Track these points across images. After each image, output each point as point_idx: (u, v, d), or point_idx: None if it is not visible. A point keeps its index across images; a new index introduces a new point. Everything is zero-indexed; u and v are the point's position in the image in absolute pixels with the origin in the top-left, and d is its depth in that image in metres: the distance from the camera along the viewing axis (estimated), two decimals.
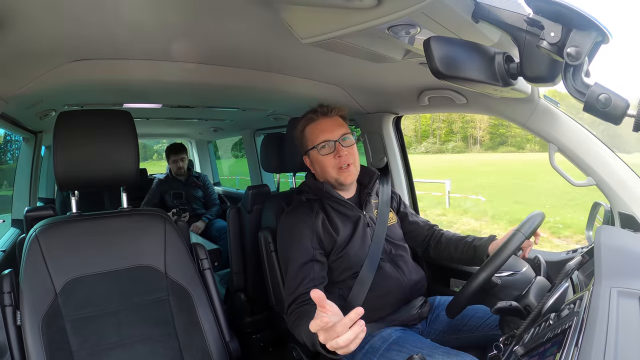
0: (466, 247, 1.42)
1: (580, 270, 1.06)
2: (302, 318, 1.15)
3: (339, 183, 1.38)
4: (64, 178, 1.21)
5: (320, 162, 1.37)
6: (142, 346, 1.22)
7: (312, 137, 1.38)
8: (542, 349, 0.72)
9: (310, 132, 1.39)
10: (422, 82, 1.55)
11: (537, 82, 0.70)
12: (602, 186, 1.27)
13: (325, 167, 1.37)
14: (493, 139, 27.39)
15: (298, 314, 1.20)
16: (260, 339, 2.14)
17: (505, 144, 27.62)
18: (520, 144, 26.75)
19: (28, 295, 1.13)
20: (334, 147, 1.35)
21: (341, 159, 1.34)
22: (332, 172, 1.36)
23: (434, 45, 0.64)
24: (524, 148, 26.51)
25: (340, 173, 1.36)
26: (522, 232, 1.16)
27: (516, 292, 1.12)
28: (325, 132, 1.36)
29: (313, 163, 1.42)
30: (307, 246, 1.31)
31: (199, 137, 4.46)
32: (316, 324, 0.84)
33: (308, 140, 1.40)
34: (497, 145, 28.06)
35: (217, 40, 1.14)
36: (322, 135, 1.36)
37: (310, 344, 1.03)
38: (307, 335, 1.04)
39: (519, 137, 24.92)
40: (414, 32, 0.84)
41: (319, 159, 1.37)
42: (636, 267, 0.79)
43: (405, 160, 2.06)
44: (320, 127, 1.37)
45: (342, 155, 1.35)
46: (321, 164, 1.38)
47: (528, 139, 24.10)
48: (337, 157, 1.35)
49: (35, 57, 1.14)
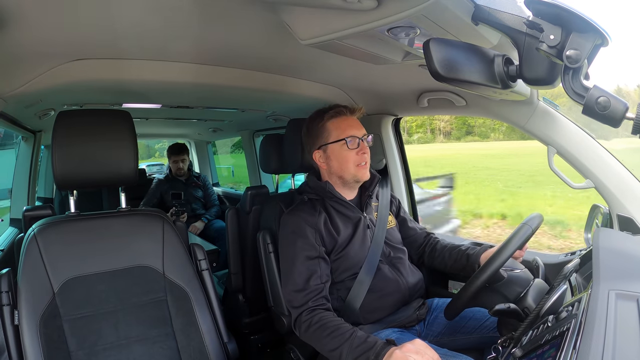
0: (459, 255, 1.44)
1: (579, 272, 1.06)
2: (335, 331, 1.13)
3: (356, 180, 1.39)
4: (62, 177, 1.21)
5: (343, 156, 1.37)
6: (139, 346, 1.22)
7: (338, 131, 1.38)
8: (540, 351, 0.72)
9: (335, 126, 1.39)
10: (421, 84, 1.55)
11: (536, 84, 0.70)
12: (601, 189, 1.27)
13: (346, 161, 1.37)
14: (460, 129, 28.02)
15: (321, 323, 1.17)
16: (258, 339, 2.14)
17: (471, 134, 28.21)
18: (485, 133, 27.29)
19: (26, 294, 1.12)
20: (358, 143, 1.37)
21: (363, 156, 1.37)
22: (352, 167, 1.37)
23: (433, 47, 0.65)
24: (489, 137, 27.09)
25: (358, 170, 1.38)
26: (529, 225, 1.16)
27: (520, 288, 1.12)
28: (353, 128, 1.38)
29: (329, 157, 1.40)
30: (312, 243, 1.30)
31: (198, 137, 4.46)
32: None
33: (331, 133, 1.39)
34: (464, 134, 28.69)
35: (217, 40, 1.14)
36: (350, 130, 1.37)
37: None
38: (351, 354, 1.05)
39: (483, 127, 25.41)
40: (414, 34, 0.84)
41: (341, 153, 1.37)
42: (634, 270, 0.79)
43: (404, 162, 2.06)
44: (348, 122, 1.39)
45: (365, 152, 1.37)
46: (342, 159, 1.38)
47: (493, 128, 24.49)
48: (360, 154, 1.37)
49: (35, 57, 1.14)
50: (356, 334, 1.09)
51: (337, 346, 1.09)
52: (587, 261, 1.02)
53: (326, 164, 1.42)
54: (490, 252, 1.33)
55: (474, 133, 27.88)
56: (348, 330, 1.11)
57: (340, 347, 1.08)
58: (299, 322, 1.23)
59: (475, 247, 1.43)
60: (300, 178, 2.26)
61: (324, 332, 1.14)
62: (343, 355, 1.07)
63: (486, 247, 1.39)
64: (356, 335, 1.08)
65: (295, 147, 1.57)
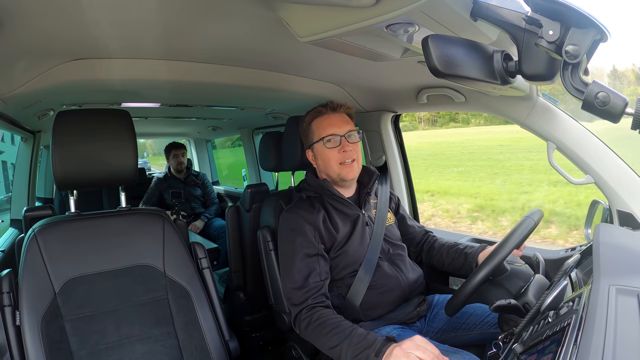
0: (457, 254, 1.45)
1: (579, 268, 1.06)
2: (334, 328, 1.13)
3: (341, 178, 1.38)
4: (62, 178, 1.21)
5: (325, 155, 1.38)
6: (141, 345, 1.22)
7: (319, 130, 1.39)
8: (541, 347, 0.72)
9: (317, 125, 1.40)
10: (420, 80, 1.55)
11: (535, 80, 0.69)
12: (601, 184, 1.27)
13: (328, 160, 1.37)
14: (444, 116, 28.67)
15: (321, 320, 1.18)
16: (259, 337, 2.15)
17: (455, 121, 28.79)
18: (467, 120, 27.83)
19: (27, 295, 1.12)
20: (340, 141, 1.36)
21: (345, 154, 1.36)
22: (334, 166, 1.37)
23: (432, 43, 0.64)
24: (470, 123, 27.74)
25: (342, 168, 1.37)
26: (532, 218, 1.16)
27: (522, 282, 1.12)
28: (333, 126, 1.38)
29: (316, 157, 1.42)
30: (311, 240, 1.31)
31: (197, 136, 4.45)
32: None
33: (314, 133, 1.41)
34: (448, 121, 29.33)
35: (215, 39, 1.14)
36: (330, 129, 1.37)
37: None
38: (350, 351, 1.05)
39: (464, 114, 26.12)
40: (413, 30, 0.84)
41: (323, 152, 1.38)
42: (635, 265, 0.79)
43: (404, 159, 2.06)
44: (329, 121, 1.39)
45: (347, 150, 1.36)
46: (325, 158, 1.38)
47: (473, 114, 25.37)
48: (342, 152, 1.36)
49: (33, 57, 1.14)
50: (356, 331, 1.09)
51: (337, 344, 1.09)
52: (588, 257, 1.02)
53: (316, 163, 1.44)
54: (488, 250, 1.34)
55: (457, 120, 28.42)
56: (348, 327, 1.11)
57: (340, 345, 1.08)
58: (298, 319, 1.23)
59: (473, 246, 1.43)
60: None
61: (323, 329, 1.15)
62: (343, 352, 1.07)
63: (484, 246, 1.40)
64: (356, 332, 1.08)
65: (295, 144, 1.56)
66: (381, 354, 0.97)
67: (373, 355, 0.99)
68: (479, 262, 1.32)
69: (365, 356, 1.01)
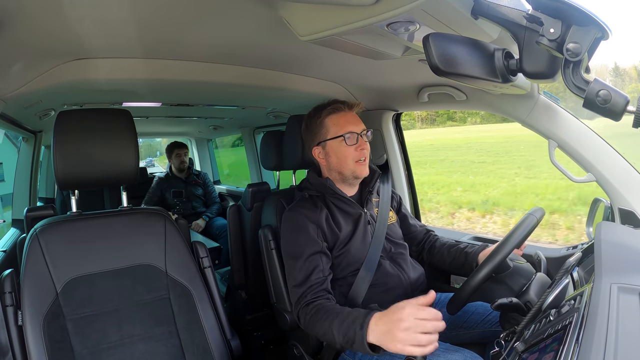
0: (458, 253, 1.44)
1: (581, 266, 1.06)
2: (326, 313, 1.13)
3: (354, 176, 1.38)
4: (63, 177, 1.21)
5: (342, 152, 1.37)
6: (143, 345, 1.22)
7: (336, 127, 1.37)
8: (543, 345, 0.72)
9: (334, 122, 1.38)
10: (421, 79, 1.54)
11: (536, 78, 0.69)
12: (602, 182, 1.27)
13: (345, 157, 1.36)
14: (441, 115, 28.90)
15: (317, 308, 1.18)
16: (261, 336, 2.15)
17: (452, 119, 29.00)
18: (463, 118, 28.08)
19: (29, 295, 1.13)
20: (357, 139, 1.36)
21: (362, 152, 1.36)
22: (350, 163, 1.36)
23: (433, 41, 0.64)
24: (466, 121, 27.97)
25: (357, 166, 1.37)
26: (535, 216, 1.15)
27: (524, 280, 1.12)
28: (351, 123, 1.37)
29: (328, 154, 1.40)
30: (314, 238, 1.30)
31: (198, 135, 4.46)
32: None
33: (329, 129, 1.39)
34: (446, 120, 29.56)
35: (216, 38, 1.14)
36: (348, 126, 1.36)
37: (345, 341, 1.03)
38: (341, 330, 1.04)
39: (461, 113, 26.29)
40: (413, 28, 0.84)
41: (341, 149, 1.37)
42: (636, 263, 0.79)
43: (405, 157, 2.06)
44: (346, 118, 1.38)
45: (364, 148, 1.36)
46: (341, 155, 1.37)
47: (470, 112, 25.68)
48: (359, 150, 1.36)
49: (34, 57, 1.14)
50: (344, 311, 1.08)
51: (328, 327, 1.09)
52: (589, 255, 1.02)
53: (325, 160, 1.41)
54: (488, 250, 1.34)
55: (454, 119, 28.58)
56: (337, 310, 1.11)
57: (331, 328, 1.08)
58: (300, 315, 1.24)
59: (474, 246, 1.43)
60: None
61: (318, 318, 1.15)
62: (335, 335, 1.06)
63: (485, 246, 1.40)
64: (342, 312, 1.08)
65: (296, 143, 1.56)
66: (365, 325, 0.98)
67: (359, 330, 0.99)
68: (479, 262, 1.32)
69: (353, 333, 1.00)
